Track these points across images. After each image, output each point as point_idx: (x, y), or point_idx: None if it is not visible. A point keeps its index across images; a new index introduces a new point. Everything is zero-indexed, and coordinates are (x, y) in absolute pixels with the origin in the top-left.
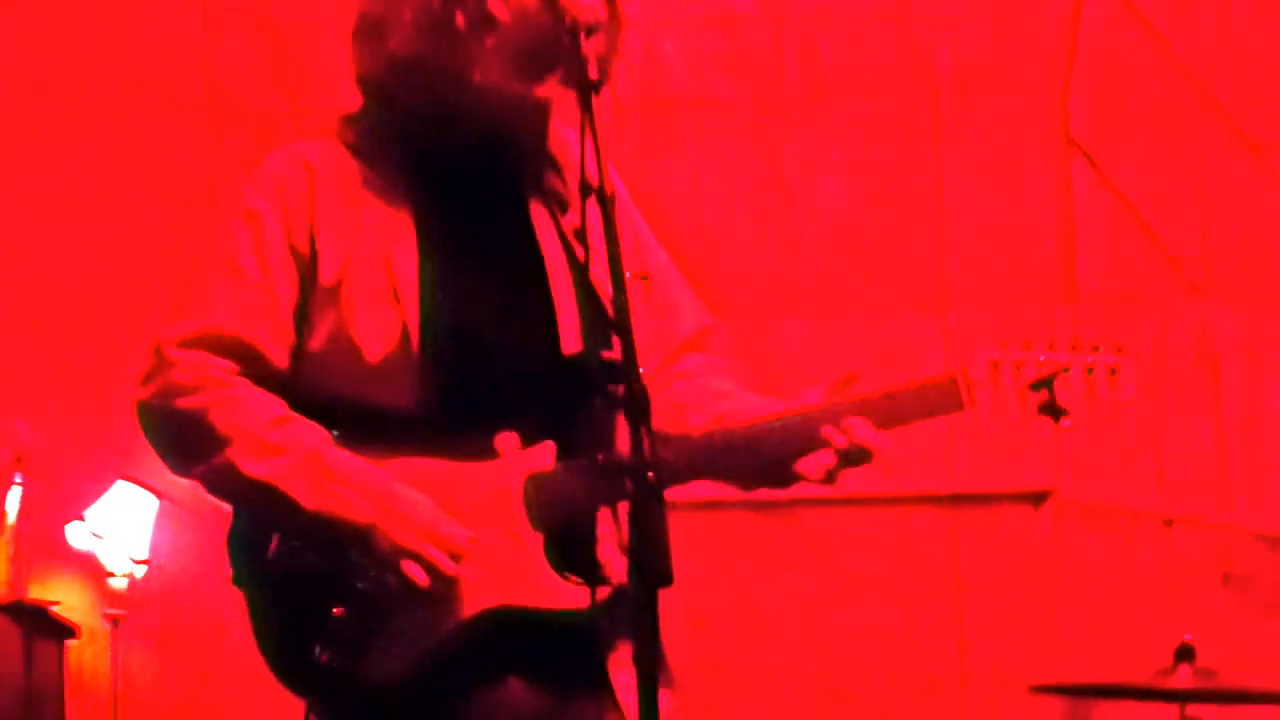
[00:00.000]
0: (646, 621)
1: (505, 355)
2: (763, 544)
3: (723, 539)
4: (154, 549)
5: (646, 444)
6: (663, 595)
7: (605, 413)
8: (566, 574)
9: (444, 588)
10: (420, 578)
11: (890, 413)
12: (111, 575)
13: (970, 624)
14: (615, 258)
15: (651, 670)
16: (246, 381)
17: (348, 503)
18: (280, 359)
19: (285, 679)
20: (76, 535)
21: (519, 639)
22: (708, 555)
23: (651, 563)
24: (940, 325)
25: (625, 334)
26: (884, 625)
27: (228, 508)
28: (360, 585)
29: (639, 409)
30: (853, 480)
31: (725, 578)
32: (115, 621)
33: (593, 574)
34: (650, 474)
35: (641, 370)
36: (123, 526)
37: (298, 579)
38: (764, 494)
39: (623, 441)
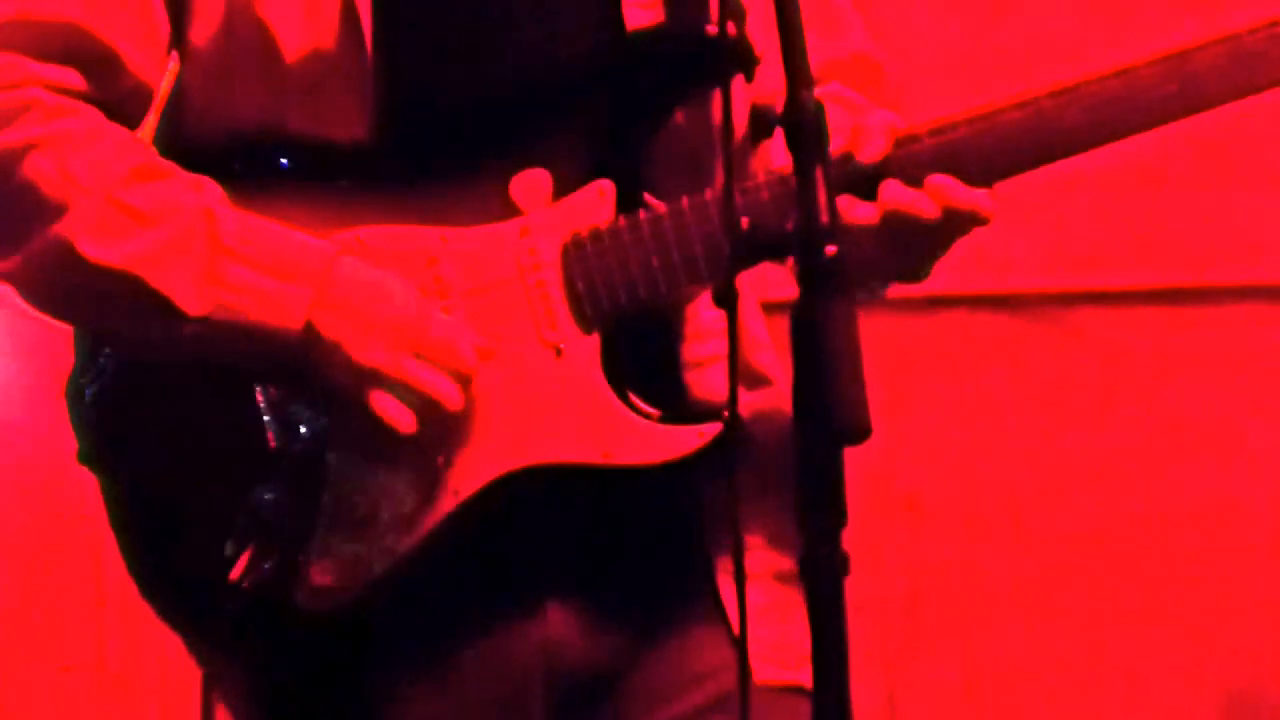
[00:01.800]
0: (809, 491)
1: (523, 34)
2: (1012, 354)
3: (949, 355)
4: None
5: (823, 194)
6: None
7: (705, 137)
8: (640, 406)
9: (435, 438)
10: (402, 419)
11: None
12: None
13: None
14: None
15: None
16: (90, 108)
17: (265, 297)
18: (143, 64)
19: (171, 616)
20: None
21: (557, 526)
22: (930, 383)
23: (831, 397)
24: None
25: None
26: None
27: (60, 325)
28: (293, 448)
29: (810, 128)
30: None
31: (962, 415)
32: None
33: (688, 404)
34: (832, 247)
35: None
36: None
37: (189, 451)
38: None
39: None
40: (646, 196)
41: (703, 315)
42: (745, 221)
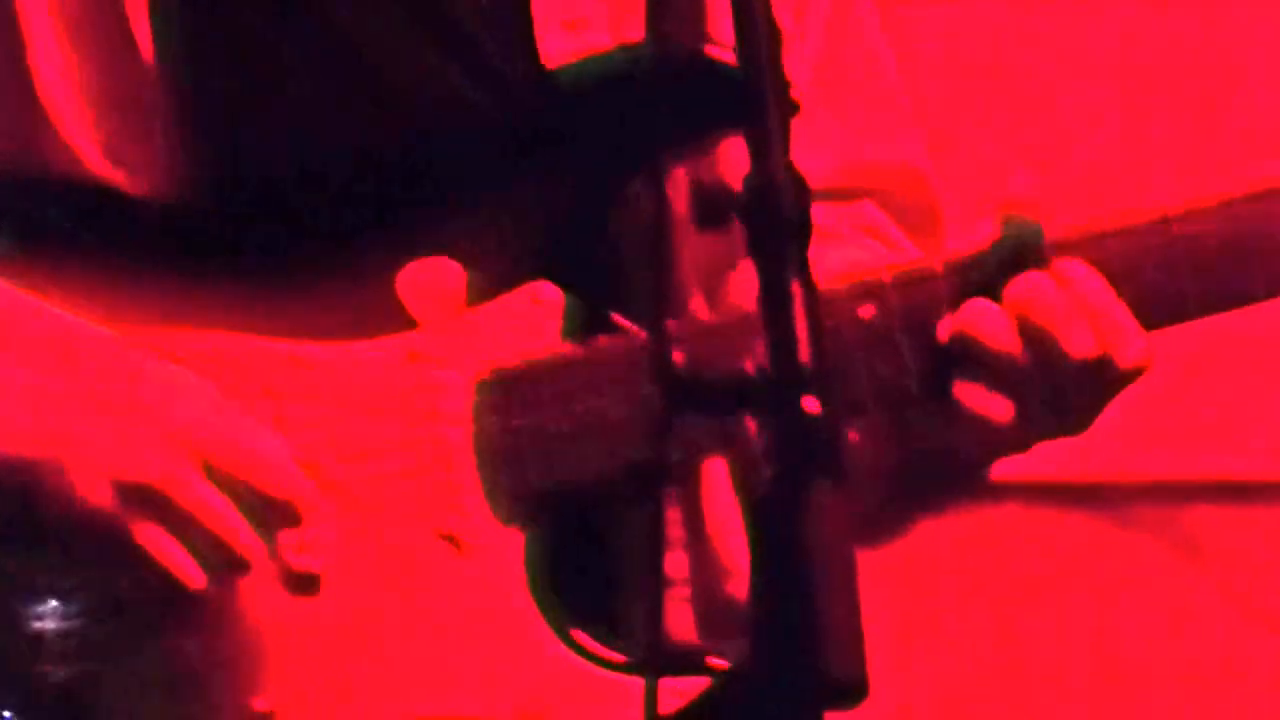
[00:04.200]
0: None
1: (393, 56)
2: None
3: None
4: None
5: (802, 311)
6: None
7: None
8: (581, 639)
9: (236, 661)
10: (190, 576)
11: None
12: None
13: None
14: None
15: None
16: None
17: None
18: None
19: None
20: None
21: None
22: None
23: (817, 638)
24: None
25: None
26: None
27: None
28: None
29: (792, 218)
30: None
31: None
32: None
33: (668, 645)
34: (813, 396)
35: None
36: None
37: None
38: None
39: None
40: (613, 314)
41: None
42: (679, 357)
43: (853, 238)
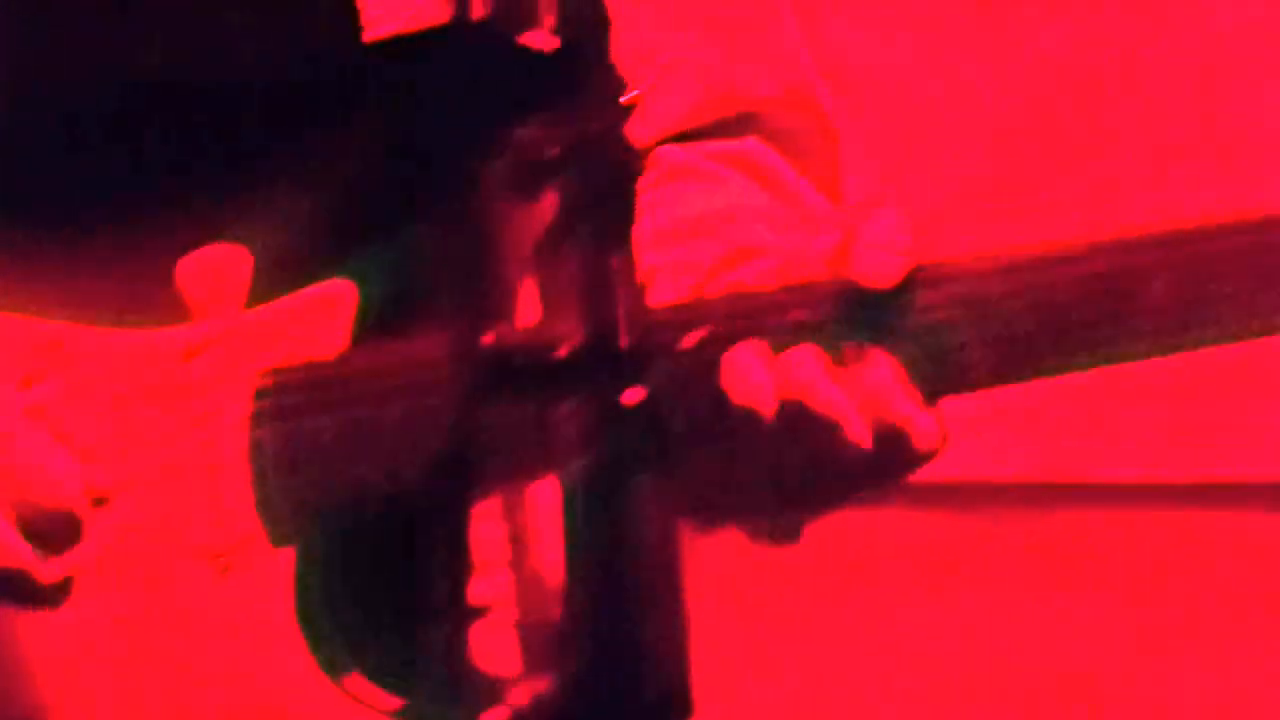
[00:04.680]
0: None
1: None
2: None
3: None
4: None
5: (621, 301)
6: None
7: (499, 203)
8: (360, 690)
9: None
10: None
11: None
12: None
13: None
14: None
15: None
16: None
17: None
18: None
19: None
20: None
21: None
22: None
23: (640, 654)
24: None
25: None
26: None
27: None
28: None
29: (616, 193)
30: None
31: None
32: None
33: (468, 681)
34: (636, 390)
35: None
36: None
37: None
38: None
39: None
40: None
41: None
42: (488, 341)
43: (726, 178)
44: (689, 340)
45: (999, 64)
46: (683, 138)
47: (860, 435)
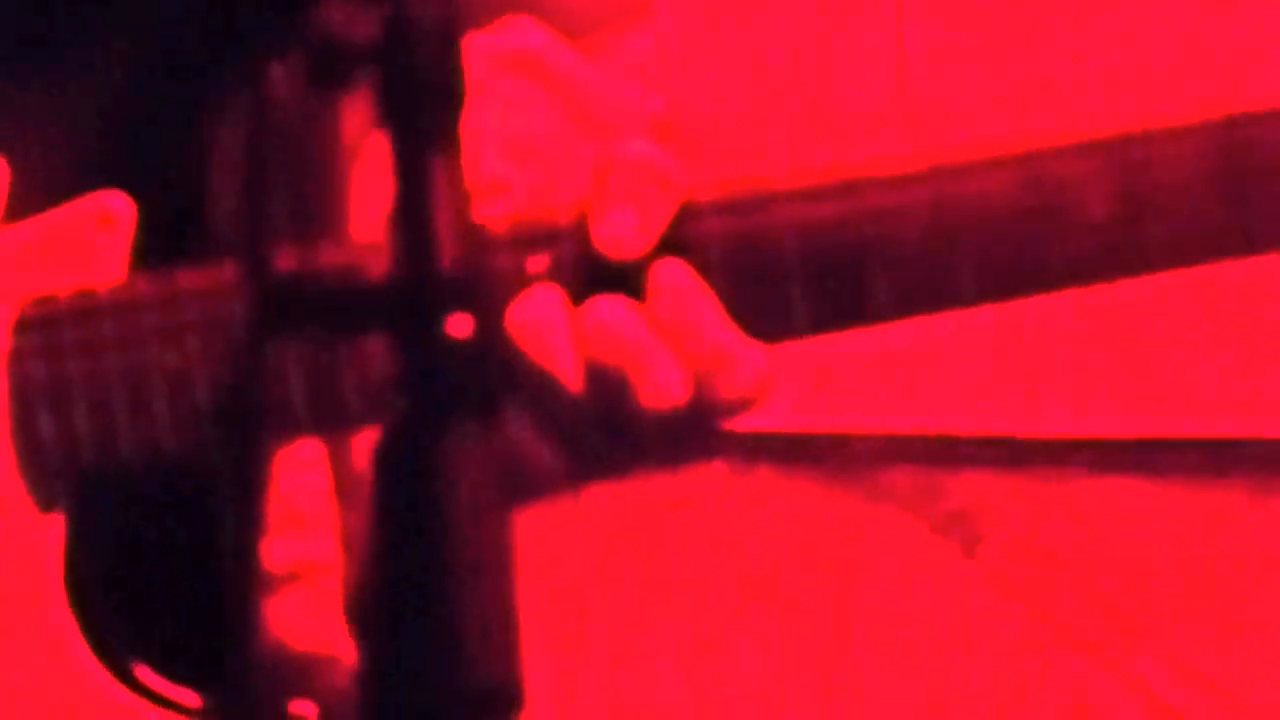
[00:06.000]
0: None
1: None
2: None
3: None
4: None
5: (444, 213)
6: None
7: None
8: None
9: None
10: None
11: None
12: None
13: None
14: None
15: None
16: None
17: None
18: None
19: None
20: None
21: None
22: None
23: (461, 636)
24: None
25: None
26: None
27: None
28: None
29: (439, 85)
30: None
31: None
32: None
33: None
34: (462, 316)
35: None
36: None
37: None
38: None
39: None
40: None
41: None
42: (285, 265)
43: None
44: (535, 264)
45: None
46: None
47: (670, 379)
